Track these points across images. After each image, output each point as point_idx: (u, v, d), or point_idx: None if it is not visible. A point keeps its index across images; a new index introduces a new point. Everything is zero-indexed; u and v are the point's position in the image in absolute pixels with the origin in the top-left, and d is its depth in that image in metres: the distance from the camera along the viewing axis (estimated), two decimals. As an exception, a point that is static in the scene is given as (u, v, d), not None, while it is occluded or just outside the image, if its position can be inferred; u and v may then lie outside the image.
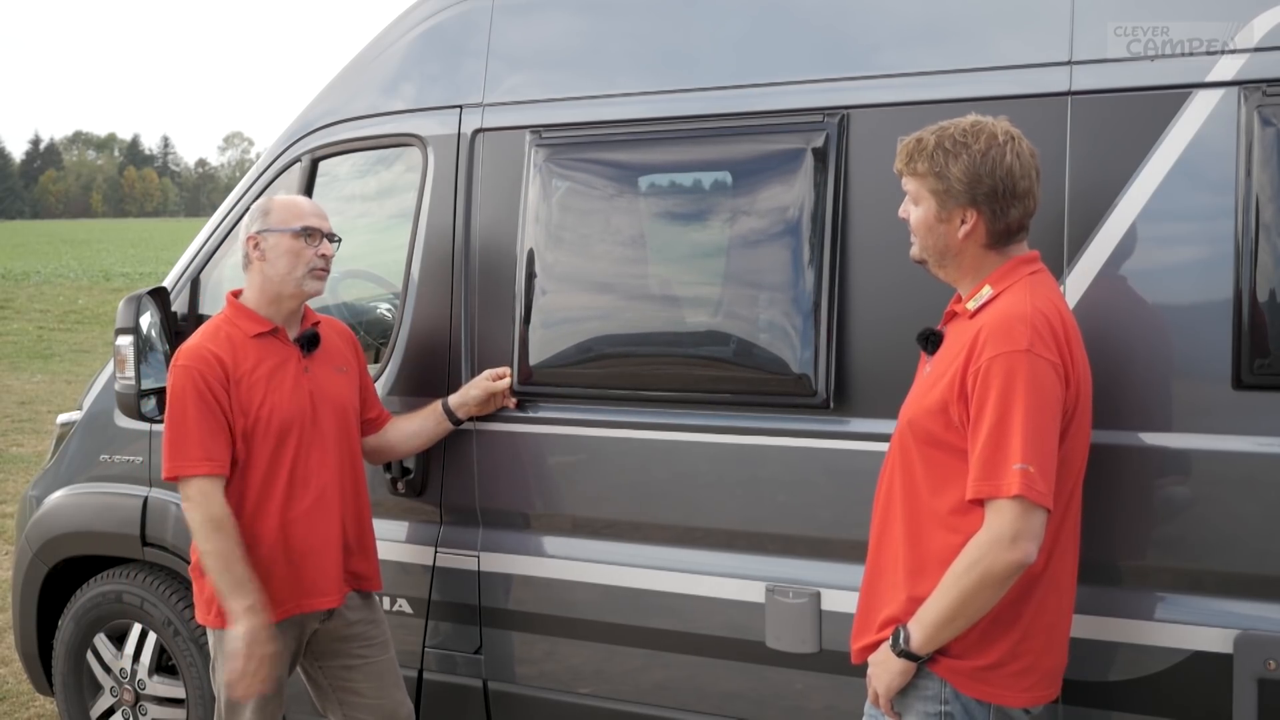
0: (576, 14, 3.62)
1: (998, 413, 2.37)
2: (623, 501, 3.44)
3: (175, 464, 3.14)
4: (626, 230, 3.46)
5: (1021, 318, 2.42)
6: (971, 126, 2.52)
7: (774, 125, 3.20)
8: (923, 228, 2.58)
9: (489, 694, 3.66)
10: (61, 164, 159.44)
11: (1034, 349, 2.38)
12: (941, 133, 2.53)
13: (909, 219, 2.62)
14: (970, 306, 2.54)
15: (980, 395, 2.40)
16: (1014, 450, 2.34)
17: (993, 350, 2.40)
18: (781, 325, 3.18)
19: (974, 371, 2.42)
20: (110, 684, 4.31)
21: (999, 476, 2.35)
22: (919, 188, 2.57)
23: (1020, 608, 2.47)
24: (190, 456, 3.12)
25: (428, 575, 3.71)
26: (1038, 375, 2.38)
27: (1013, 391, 2.36)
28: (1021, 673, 2.49)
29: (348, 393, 3.43)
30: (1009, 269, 2.55)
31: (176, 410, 3.16)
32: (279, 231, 3.26)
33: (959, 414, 2.45)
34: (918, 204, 2.58)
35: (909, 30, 3.10)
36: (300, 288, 3.29)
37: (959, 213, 2.52)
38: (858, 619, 2.70)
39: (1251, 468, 2.71)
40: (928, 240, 2.59)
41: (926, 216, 2.56)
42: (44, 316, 21.10)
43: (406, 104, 3.81)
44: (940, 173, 2.51)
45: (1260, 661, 2.65)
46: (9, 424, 11.76)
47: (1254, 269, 2.67)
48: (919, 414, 2.54)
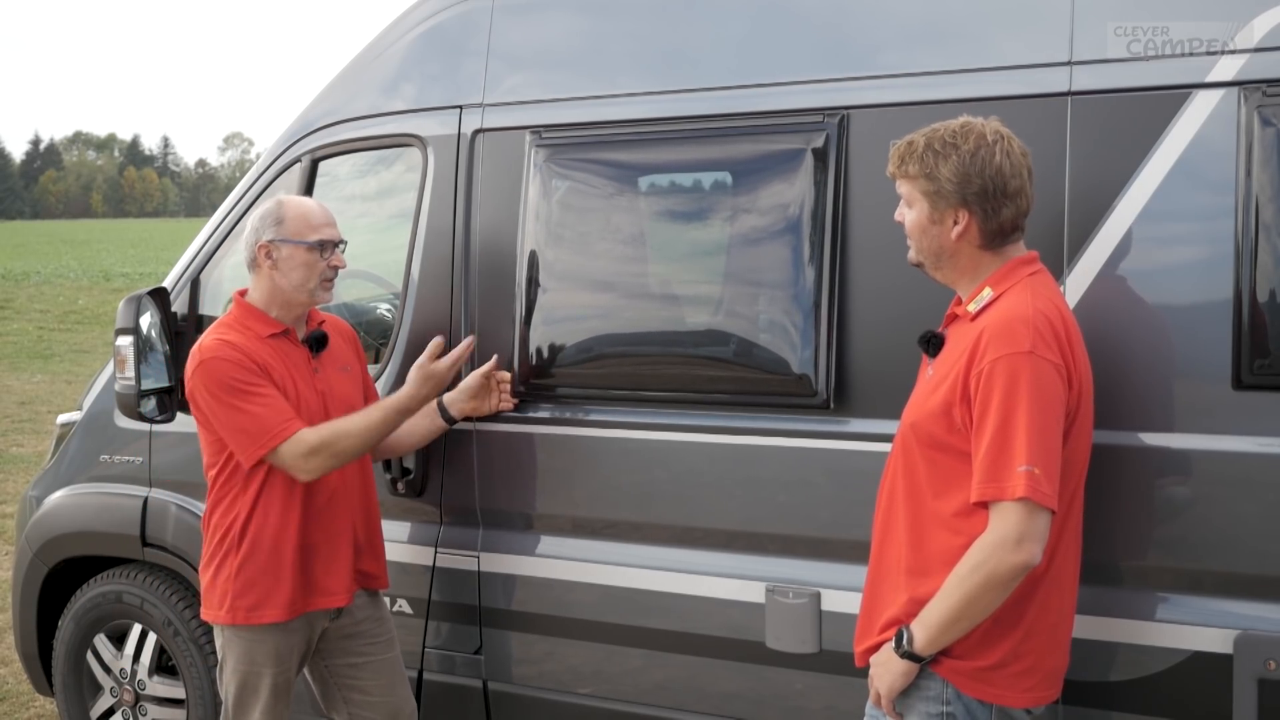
0: (576, 14, 3.62)
1: (1001, 415, 2.37)
2: (623, 502, 3.44)
3: (261, 441, 3.15)
4: (626, 230, 3.46)
5: (1024, 319, 2.42)
6: (961, 127, 2.53)
7: (774, 125, 3.20)
8: (917, 230, 2.59)
9: (489, 694, 3.66)
10: (61, 164, 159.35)
11: (1036, 350, 2.39)
12: (931, 135, 2.54)
13: (904, 222, 2.63)
14: (971, 309, 2.54)
15: (983, 398, 2.40)
16: (1019, 452, 2.34)
17: (995, 352, 2.40)
18: (782, 325, 3.18)
19: (976, 374, 2.42)
20: (110, 684, 4.31)
21: (1004, 479, 2.35)
22: (911, 190, 2.58)
23: (1023, 608, 2.47)
24: (272, 427, 3.14)
25: (428, 575, 3.71)
26: (1041, 377, 2.38)
27: (1016, 394, 2.36)
28: (1023, 673, 2.49)
29: (353, 392, 3.44)
30: (1008, 270, 2.55)
31: (223, 400, 3.15)
32: (294, 243, 3.26)
33: (962, 416, 2.45)
34: (911, 207, 2.59)
35: (909, 31, 3.10)
36: (312, 298, 3.31)
37: (951, 214, 2.53)
38: (860, 621, 2.69)
39: (1251, 468, 2.71)
40: (922, 242, 2.60)
41: (920, 219, 2.58)
42: (44, 316, 21.09)
43: (407, 104, 3.81)
44: (930, 174, 2.52)
45: (1260, 661, 2.65)
46: (9, 424, 11.76)
47: (1254, 269, 2.67)
48: (922, 417, 2.54)
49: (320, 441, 3.17)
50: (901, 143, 2.59)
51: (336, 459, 3.20)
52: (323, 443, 3.17)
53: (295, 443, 3.16)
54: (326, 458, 3.18)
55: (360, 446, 3.25)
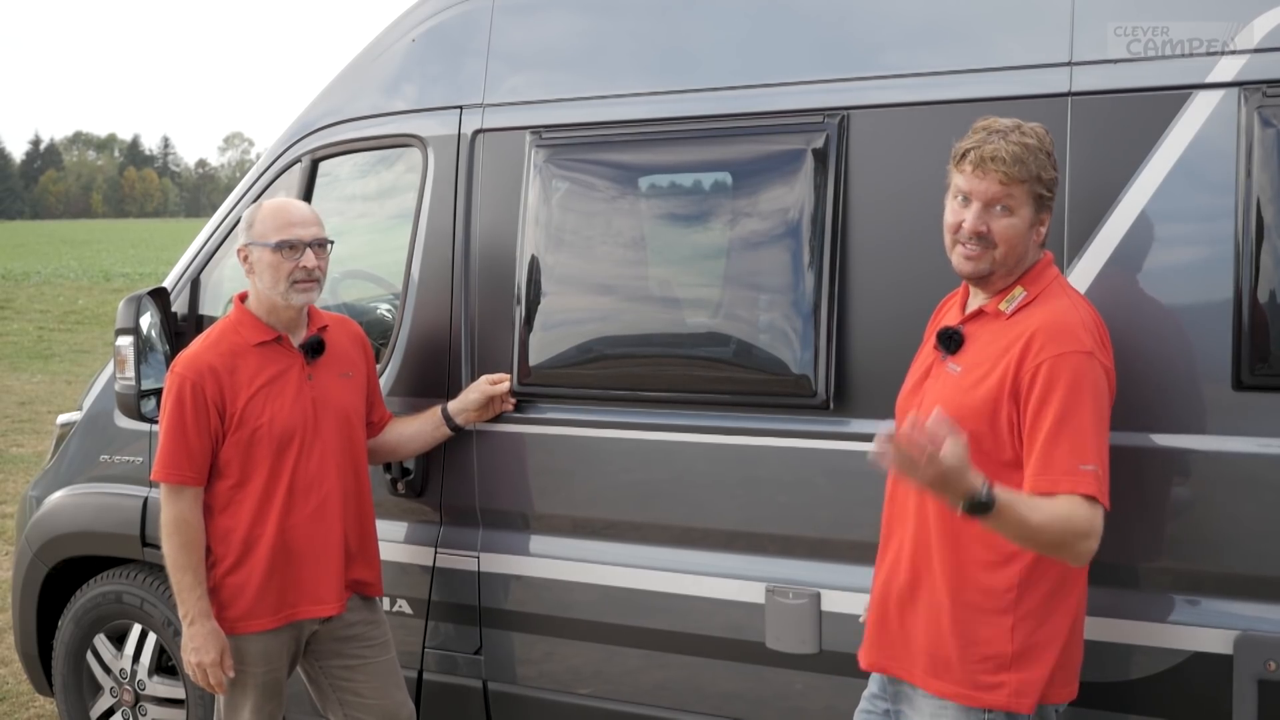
0: (577, 14, 3.62)
1: (1065, 409, 2.36)
2: (623, 502, 3.44)
3: (161, 468, 3.22)
4: (626, 231, 3.46)
5: (1081, 321, 2.45)
6: (1029, 127, 2.48)
7: (774, 126, 3.20)
8: (1016, 236, 2.48)
9: (489, 694, 3.66)
10: (61, 164, 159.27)
11: (1095, 354, 2.42)
12: (1020, 135, 2.46)
13: (989, 231, 2.48)
14: (1004, 308, 2.53)
15: (1043, 392, 2.39)
16: (1085, 449, 2.35)
17: (1056, 349, 2.39)
18: (781, 326, 3.18)
19: (1032, 368, 2.40)
20: (110, 684, 4.31)
21: (1074, 472, 2.34)
22: (1020, 194, 2.46)
23: (1070, 605, 2.51)
24: (177, 465, 3.20)
25: (428, 576, 3.70)
26: (1099, 380, 2.42)
27: (1081, 391, 2.37)
28: (1058, 668, 2.52)
29: (352, 399, 3.42)
30: (1040, 270, 2.56)
31: (171, 416, 3.22)
32: (260, 246, 3.25)
33: (1009, 415, 2.44)
34: (1014, 212, 2.47)
35: (909, 31, 3.10)
36: (286, 300, 3.26)
37: (1045, 217, 2.53)
38: (870, 627, 2.69)
39: (1251, 468, 2.71)
40: (1015, 249, 2.50)
41: (1022, 224, 2.48)
42: (44, 317, 21.09)
43: (407, 104, 3.81)
44: (1043, 177, 2.47)
45: (1260, 662, 2.65)
46: (9, 424, 11.75)
47: (1254, 270, 2.67)
48: (963, 414, 2.41)
49: (171, 519, 3.20)
50: (993, 144, 2.44)
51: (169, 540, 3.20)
52: (172, 522, 3.19)
53: (169, 492, 3.21)
54: (170, 527, 3.20)
55: (169, 563, 3.22)
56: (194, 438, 3.19)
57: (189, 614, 3.18)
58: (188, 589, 3.18)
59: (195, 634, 3.18)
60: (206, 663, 3.18)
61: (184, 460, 3.19)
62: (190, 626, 3.18)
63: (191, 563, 3.19)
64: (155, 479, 3.25)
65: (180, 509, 3.20)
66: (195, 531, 3.21)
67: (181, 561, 3.19)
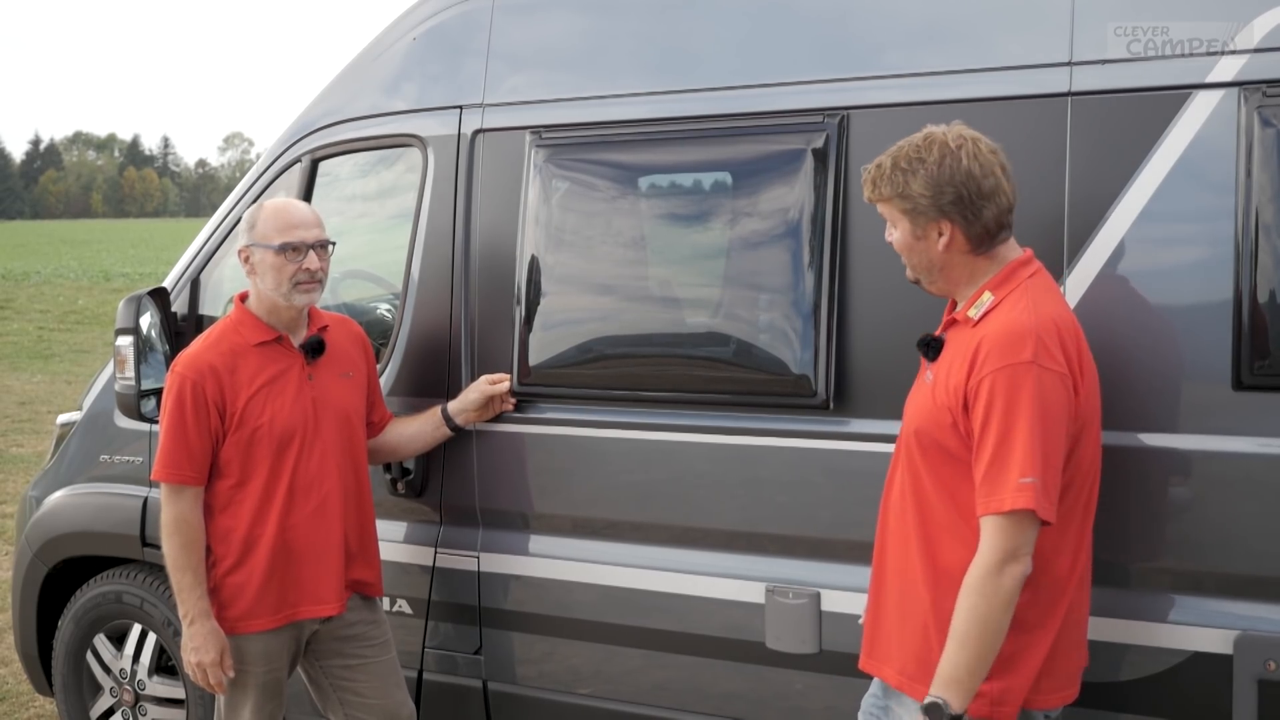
0: (577, 14, 3.62)
1: (1002, 428, 2.36)
2: (623, 502, 3.44)
3: (162, 468, 3.22)
4: (626, 231, 3.46)
5: (1026, 328, 2.40)
6: (924, 140, 2.53)
7: (774, 126, 3.20)
8: (905, 249, 2.60)
9: (489, 694, 3.66)
10: (61, 164, 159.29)
11: (1039, 360, 2.37)
12: (897, 153, 2.55)
13: (893, 243, 2.63)
14: (972, 314, 2.53)
15: (984, 411, 2.39)
16: (1015, 465, 2.33)
17: (995, 363, 2.39)
18: (781, 326, 3.18)
19: (975, 384, 2.41)
20: (110, 684, 4.31)
21: (1000, 493, 2.34)
22: (890, 211, 2.58)
23: (1056, 612, 2.49)
24: (178, 465, 3.20)
25: (427, 576, 3.71)
26: (1044, 387, 2.37)
27: (1017, 405, 2.35)
28: (1044, 675, 2.51)
29: (352, 399, 3.42)
30: (1008, 273, 2.54)
31: (171, 416, 3.22)
32: (263, 247, 3.25)
33: (965, 426, 2.45)
34: (895, 227, 2.60)
35: (909, 31, 3.10)
36: (288, 301, 3.27)
37: (933, 227, 2.53)
38: (867, 632, 2.70)
39: (1251, 468, 2.71)
40: (913, 260, 2.61)
41: (905, 237, 2.58)
42: (44, 316, 21.10)
43: (407, 104, 3.81)
44: (904, 193, 2.52)
45: (1260, 662, 2.65)
46: (9, 424, 11.76)
47: (1254, 270, 2.67)
48: (927, 424, 2.53)
49: (171, 519, 3.20)
50: (870, 167, 2.60)
51: (170, 540, 3.20)
52: (172, 522, 3.20)
53: (170, 492, 3.21)
54: (170, 527, 3.20)
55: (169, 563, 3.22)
56: (194, 437, 3.19)
57: (189, 614, 3.18)
58: (188, 589, 3.18)
59: (195, 634, 3.18)
60: (206, 663, 3.18)
61: (184, 460, 3.19)
62: (190, 626, 3.18)
63: (192, 562, 3.19)
64: (155, 479, 3.25)
65: (180, 509, 3.20)
66: (195, 531, 3.21)
67: (181, 561, 3.19)
